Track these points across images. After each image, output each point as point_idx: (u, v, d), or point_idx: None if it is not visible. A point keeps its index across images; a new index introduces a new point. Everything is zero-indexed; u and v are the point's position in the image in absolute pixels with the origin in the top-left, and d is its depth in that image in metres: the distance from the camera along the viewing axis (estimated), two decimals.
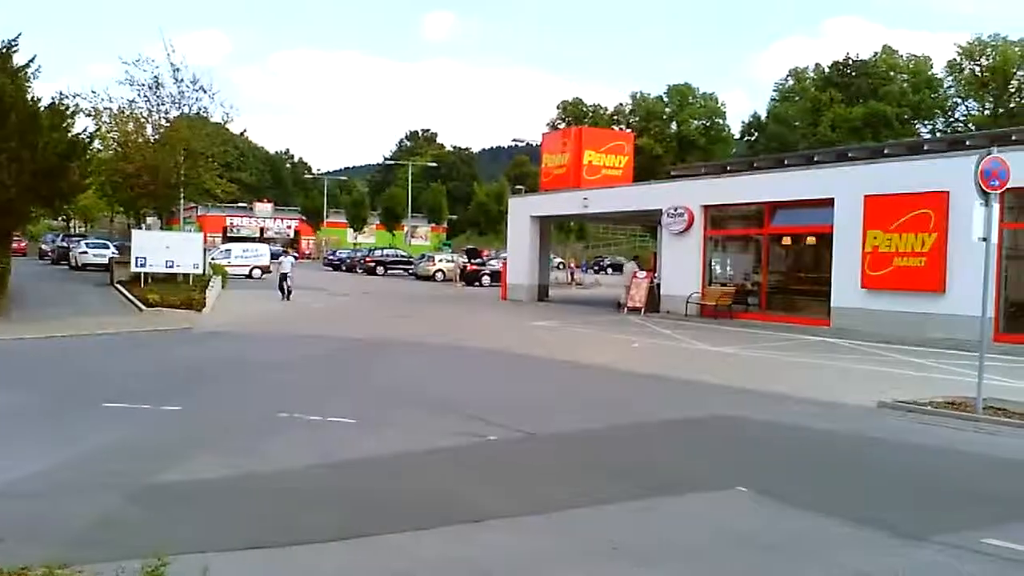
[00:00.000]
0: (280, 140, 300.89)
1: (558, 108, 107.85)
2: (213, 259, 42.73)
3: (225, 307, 29.16)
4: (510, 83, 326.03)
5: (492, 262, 56.11)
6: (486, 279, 51.87)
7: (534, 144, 55.98)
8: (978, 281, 12.85)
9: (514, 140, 73.11)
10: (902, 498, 8.21)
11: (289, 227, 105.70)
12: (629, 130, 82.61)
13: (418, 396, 13.31)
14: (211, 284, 31.57)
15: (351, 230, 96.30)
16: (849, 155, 30.00)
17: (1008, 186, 13.07)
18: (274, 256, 52.91)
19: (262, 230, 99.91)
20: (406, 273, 61.78)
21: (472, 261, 56.75)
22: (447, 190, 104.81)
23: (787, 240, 28.80)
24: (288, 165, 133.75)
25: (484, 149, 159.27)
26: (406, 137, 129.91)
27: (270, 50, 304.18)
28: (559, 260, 67.21)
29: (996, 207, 13.01)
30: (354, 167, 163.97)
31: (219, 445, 9.51)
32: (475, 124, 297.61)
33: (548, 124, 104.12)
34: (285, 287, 33.91)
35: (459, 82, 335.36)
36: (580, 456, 9.73)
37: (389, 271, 63.30)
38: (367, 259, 65.67)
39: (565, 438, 10.58)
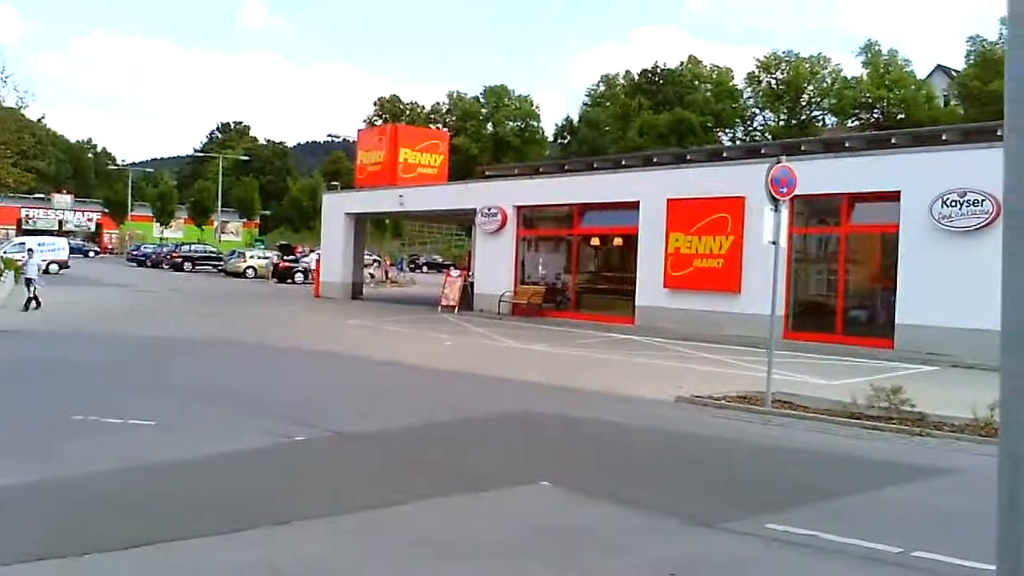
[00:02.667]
0: (82, 129, 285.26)
1: (375, 105, 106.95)
2: (6, 253, 40.23)
3: (17, 304, 27.47)
4: (326, 77, 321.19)
5: (306, 259, 55.31)
6: (299, 276, 51.06)
7: (350, 140, 55.42)
8: (769, 282, 13.65)
9: (329, 135, 72.16)
10: (696, 487, 8.64)
11: (90, 220, 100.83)
12: (446, 129, 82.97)
13: (224, 396, 12.97)
14: (2, 280, 29.68)
15: (157, 224, 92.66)
16: (654, 160, 31.28)
17: (796, 193, 13.93)
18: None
19: (61, 223, 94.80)
20: (215, 270, 60.26)
21: (285, 258, 55.71)
22: (260, 185, 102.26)
23: (596, 241, 29.69)
24: (90, 155, 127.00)
25: (299, 144, 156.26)
26: (217, 129, 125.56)
27: (73, 34, 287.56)
28: (374, 258, 66.86)
29: (785, 212, 13.83)
30: (162, 158, 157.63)
31: (6, 450, 8.95)
32: (290, 118, 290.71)
33: (365, 120, 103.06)
34: (30, 294, 26.27)
35: (274, 75, 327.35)
36: (388, 455, 9.74)
37: (197, 267, 61.62)
38: (174, 255, 63.62)
39: (373, 437, 10.55)
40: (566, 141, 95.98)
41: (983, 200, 18.59)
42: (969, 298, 16.84)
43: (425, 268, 75.96)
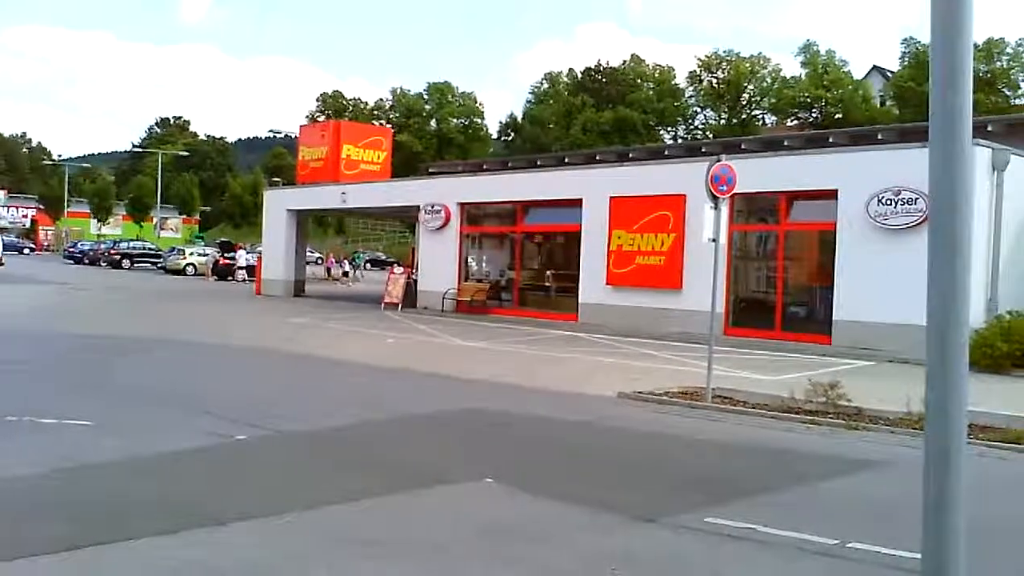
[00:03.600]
0: (16, 123, 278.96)
1: (317, 100, 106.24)
2: None
3: None
4: (268, 73, 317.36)
5: (247, 256, 54.78)
6: (240, 274, 50.54)
7: (292, 136, 54.98)
8: (710, 279, 13.83)
9: (271, 131, 71.56)
10: (638, 483, 8.74)
11: (25, 216, 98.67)
12: (389, 126, 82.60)
13: (164, 396, 12.79)
14: None
15: (95, 221, 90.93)
16: (597, 158, 31.55)
17: (736, 191, 14.13)
18: None
19: None
20: (155, 267, 59.59)
21: (225, 255, 55.12)
22: (200, 181, 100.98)
23: (539, 238, 29.79)
24: (25, 150, 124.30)
25: (240, 139, 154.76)
26: (157, 124, 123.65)
27: (5, 24, 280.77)
28: (318, 256, 66.53)
29: (726, 210, 14.00)
30: (99, 154, 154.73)
31: None
32: (231, 113, 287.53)
33: (307, 116, 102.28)
34: None
35: (214, 69, 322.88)
36: (331, 453, 9.69)
37: (136, 264, 60.80)
38: (112, 252, 62.44)
39: (316, 435, 10.49)
40: (510, 138, 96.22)
41: (917, 199, 18.98)
42: (903, 294, 17.15)
43: (368, 265, 75.52)
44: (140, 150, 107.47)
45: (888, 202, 19.56)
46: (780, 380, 14.89)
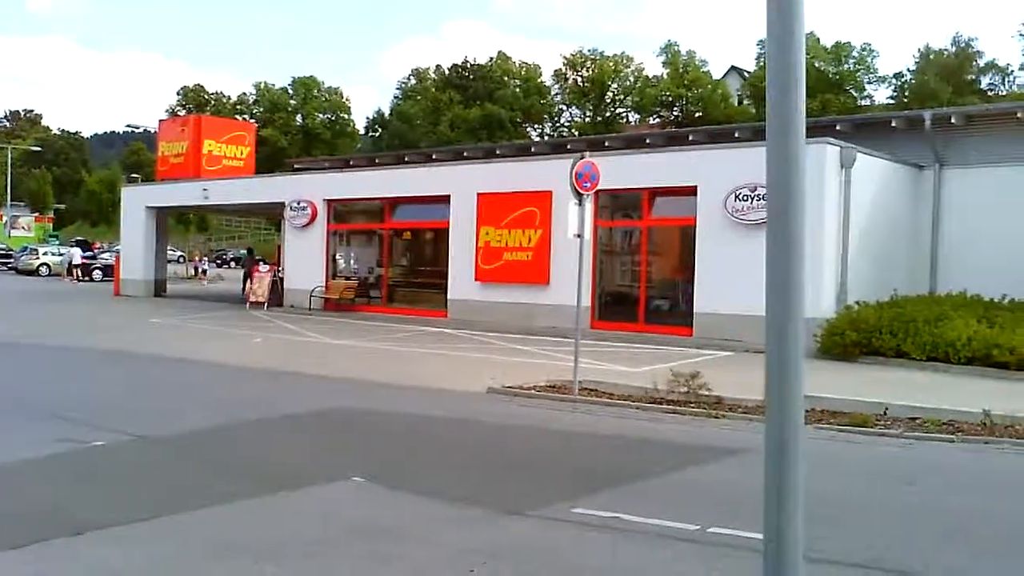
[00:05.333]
0: None
1: (178, 94, 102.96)
2: None
3: None
4: (125, 65, 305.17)
5: (104, 255, 52.94)
6: (98, 273, 48.80)
7: (151, 131, 53.20)
8: (576, 274, 14.04)
9: (129, 126, 68.86)
10: (507, 476, 8.83)
11: None
12: (253, 121, 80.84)
13: (13, 402, 12.25)
14: None
15: None
16: (465, 154, 31.56)
17: (600, 187, 14.40)
18: None
19: None
20: (6, 268, 57.15)
21: (84, 254, 53.18)
22: (54, 177, 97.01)
23: (408, 235, 29.68)
24: None
25: (97, 134, 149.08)
26: (6, 117, 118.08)
27: None
28: (180, 254, 64.78)
29: (590, 206, 14.26)
30: None
31: None
32: (86, 107, 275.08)
33: (167, 110, 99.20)
34: None
35: (67, 61, 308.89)
36: (194, 457, 9.46)
37: None
38: None
39: (178, 439, 10.22)
40: (377, 134, 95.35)
41: None
42: (759, 287, 17.63)
43: (233, 264, 73.80)
44: None
45: (745, 198, 20.22)
46: (644, 371, 15.22)
